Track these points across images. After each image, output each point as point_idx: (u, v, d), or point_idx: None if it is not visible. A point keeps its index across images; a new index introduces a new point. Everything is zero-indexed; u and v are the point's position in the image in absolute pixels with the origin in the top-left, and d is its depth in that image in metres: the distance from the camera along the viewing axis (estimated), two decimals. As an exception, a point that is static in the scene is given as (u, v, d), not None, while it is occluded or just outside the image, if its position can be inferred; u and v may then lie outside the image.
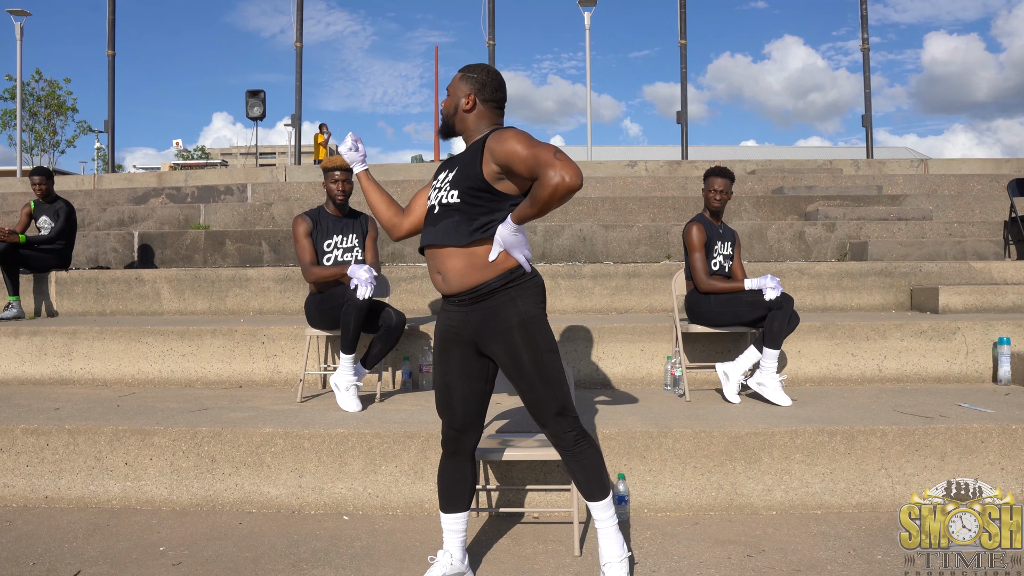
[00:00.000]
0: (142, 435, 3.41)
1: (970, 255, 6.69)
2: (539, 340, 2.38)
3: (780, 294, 3.84)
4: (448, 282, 2.37)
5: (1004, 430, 3.28)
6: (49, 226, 6.25)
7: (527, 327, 2.36)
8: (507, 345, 2.35)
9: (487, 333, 2.37)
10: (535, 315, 2.38)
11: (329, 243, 4.16)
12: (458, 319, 2.41)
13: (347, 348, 3.87)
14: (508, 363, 2.37)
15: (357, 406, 3.82)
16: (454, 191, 2.36)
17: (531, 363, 2.35)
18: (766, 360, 3.85)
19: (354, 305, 3.80)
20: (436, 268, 2.41)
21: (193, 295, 5.91)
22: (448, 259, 2.35)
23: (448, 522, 2.52)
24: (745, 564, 2.70)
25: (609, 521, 2.46)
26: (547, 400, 2.38)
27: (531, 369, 2.35)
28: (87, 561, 2.76)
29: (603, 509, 2.46)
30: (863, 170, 10.69)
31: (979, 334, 4.50)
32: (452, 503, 2.52)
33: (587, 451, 2.44)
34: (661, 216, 8.06)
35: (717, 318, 4.08)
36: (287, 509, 3.30)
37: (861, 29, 13.77)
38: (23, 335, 4.80)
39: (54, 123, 30.09)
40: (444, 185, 2.41)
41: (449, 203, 2.36)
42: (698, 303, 4.14)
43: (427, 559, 2.63)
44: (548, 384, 2.37)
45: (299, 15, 14.36)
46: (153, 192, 9.75)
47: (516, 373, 2.37)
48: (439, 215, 2.39)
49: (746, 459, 3.27)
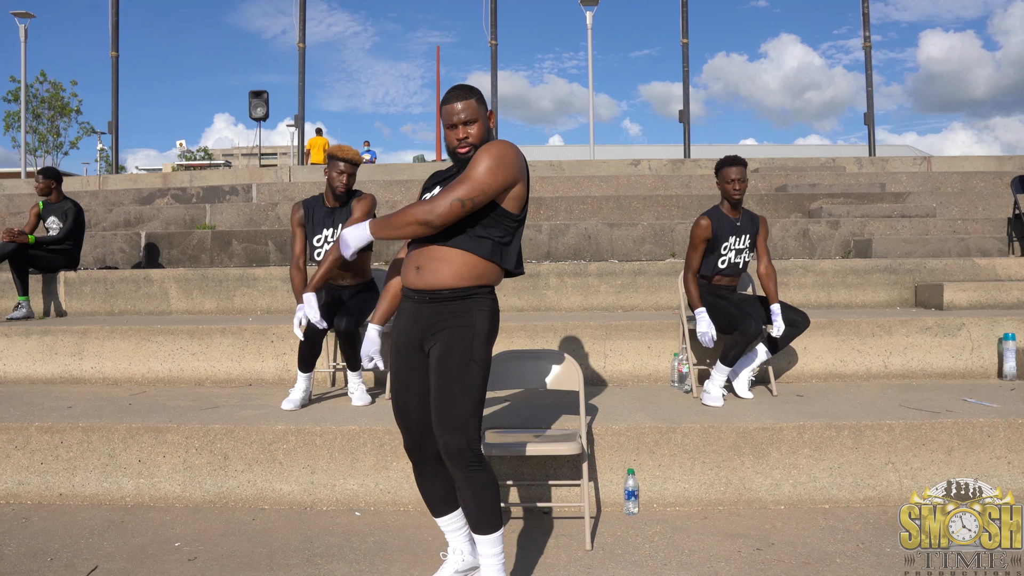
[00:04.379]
0: (155, 433, 3.44)
1: (974, 252, 6.71)
2: (475, 349, 2.32)
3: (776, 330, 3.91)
4: (423, 277, 2.34)
5: (1010, 424, 3.31)
6: (58, 227, 6.29)
7: (470, 333, 2.32)
8: (448, 341, 2.30)
9: (433, 328, 2.34)
10: (482, 327, 2.34)
11: (319, 238, 4.05)
12: (410, 316, 2.39)
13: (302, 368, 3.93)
14: (438, 357, 2.31)
15: (363, 400, 3.96)
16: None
17: (457, 364, 2.29)
18: (717, 373, 3.88)
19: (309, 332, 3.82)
20: (416, 263, 2.36)
21: (201, 295, 5.94)
22: (435, 257, 2.33)
23: (443, 524, 2.51)
24: (754, 557, 2.73)
25: (495, 559, 2.33)
26: (452, 407, 2.27)
27: (454, 370, 2.28)
28: (104, 557, 2.80)
29: (490, 544, 2.33)
30: (866, 168, 10.71)
31: (984, 330, 4.52)
32: (438, 507, 2.49)
33: (480, 475, 2.28)
34: (665, 214, 8.09)
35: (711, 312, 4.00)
36: (300, 505, 3.34)
37: (863, 27, 13.79)
38: (34, 335, 4.84)
39: (57, 125, 30.18)
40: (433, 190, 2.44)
41: None
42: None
43: (439, 555, 2.66)
44: (462, 392, 2.28)
45: (301, 16, 14.41)
46: (158, 193, 9.79)
47: (438, 369, 2.29)
48: None
49: (754, 454, 3.29)
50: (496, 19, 14.43)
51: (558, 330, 4.57)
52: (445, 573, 2.49)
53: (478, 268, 2.35)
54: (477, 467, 2.27)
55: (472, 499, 2.29)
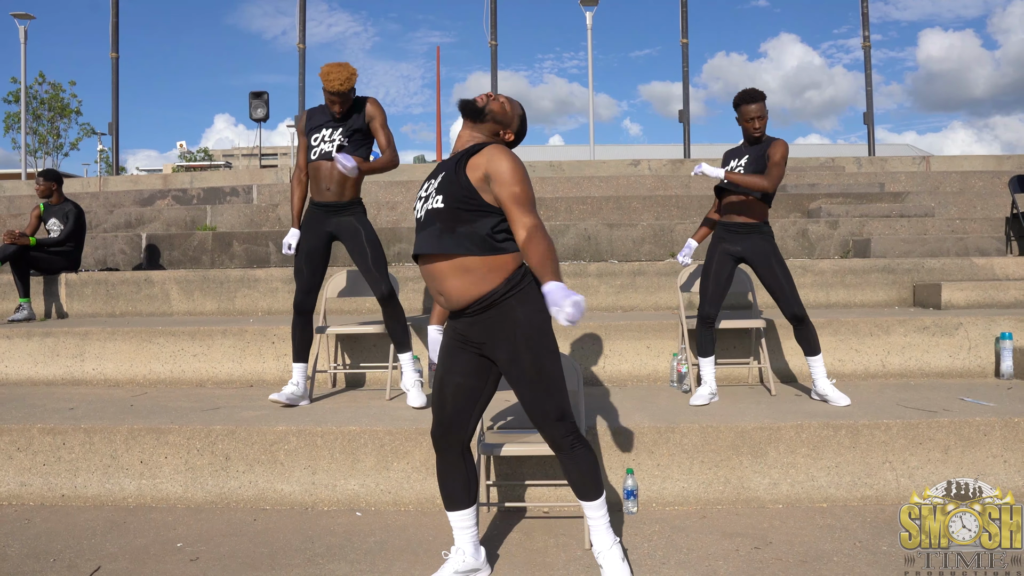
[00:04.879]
0: (157, 434, 3.46)
1: (972, 251, 6.73)
2: (540, 345, 2.39)
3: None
4: (452, 300, 2.40)
5: (1007, 423, 3.33)
6: (58, 228, 6.31)
7: (529, 332, 2.37)
8: (512, 349, 2.37)
9: (495, 339, 2.39)
10: (537, 322, 2.39)
11: (316, 137, 3.90)
12: (460, 326, 2.45)
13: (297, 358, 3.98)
14: (510, 366, 2.40)
15: (419, 401, 3.86)
16: (439, 196, 2.41)
17: (531, 367, 2.37)
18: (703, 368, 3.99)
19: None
20: (437, 289, 2.43)
21: (202, 296, 5.97)
22: (448, 274, 2.37)
23: (453, 519, 2.56)
24: (752, 556, 2.75)
25: (602, 520, 2.55)
26: (546, 405, 2.41)
27: (532, 373, 2.38)
28: (106, 557, 2.82)
29: (596, 508, 2.54)
30: (865, 168, 10.73)
31: (981, 329, 4.54)
32: (452, 501, 2.55)
33: (582, 452, 2.48)
34: (665, 215, 8.11)
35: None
36: (301, 506, 3.36)
37: (862, 27, 13.80)
38: (35, 336, 4.86)
39: (57, 126, 30.21)
40: (430, 194, 2.45)
41: (435, 208, 2.38)
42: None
43: (441, 554, 2.68)
44: (548, 389, 2.40)
45: (302, 16, 14.42)
46: (159, 194, 9.81)
47: (517, 376, 2.39)
48: (425, 222, 2.43)
49: (752, 453, 3.32)
50: (496, 19, 14.45)
51: (557, 330, 4.58)
52: (445, 572, 2.52)
53: (493, 263, 2.35)
54: (580, 447, 2.47)
55: (577, 473, 2.49)
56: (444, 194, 2.35)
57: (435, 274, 2.39)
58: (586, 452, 2.49)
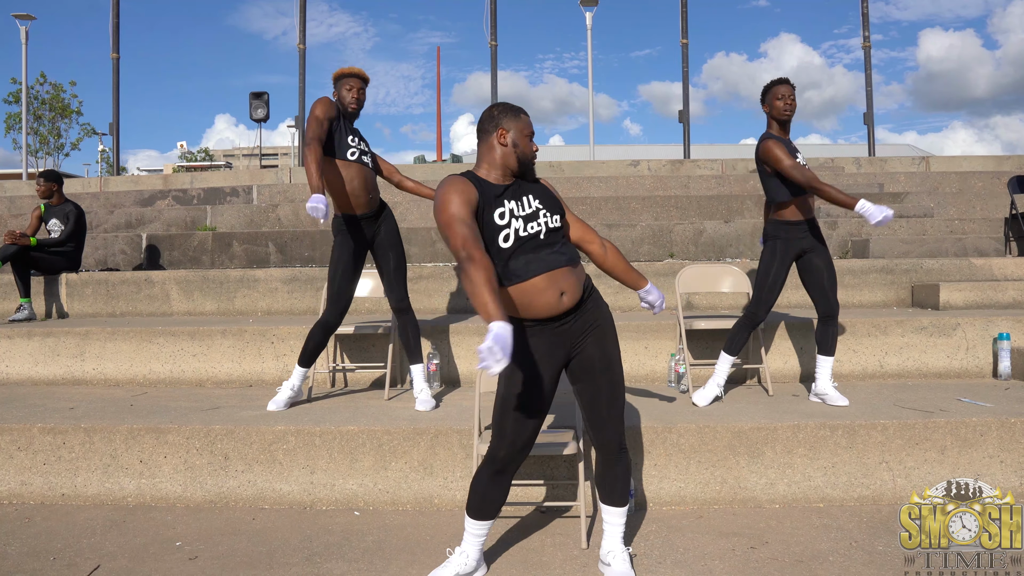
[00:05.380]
0: (156, 433, 3.48)
1: (971, 252, 6.74)
2: (616, 342, 2.58)
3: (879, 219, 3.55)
4: (572, 297, 2.46)
5: (1003, 424, 3.34)
6: (59, 229, 6.32)
7: (612, 324, 2.57)
8: (603, 341, 2.51)
9: (588, 332, 2.50)
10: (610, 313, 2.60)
11: (352, 139, 3.79)
12: (551, 341, 2.46)
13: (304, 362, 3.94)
14: (601, 359, 2.50)
15: (428, 405, 3.83)
16: (556, 215, 2.50)
17: (618, 359, 2.55)
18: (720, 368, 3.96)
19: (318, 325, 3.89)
20: (560, 289, 2.43)
21: (202, 296, 5.98)
22: (568, 277, 2.45)
23: (476, 528, 2.58)
24: (749, 556, 2.76)
25: (621, 527, 2.63)
26: (621, 398, 2.55)
27: (617, 364, 2.54)
28: (106, 556, 2.83)
29: (622, 515, 2.63)
30: (864, 168, 10.73)
31: (979, 330, 4.55)
32: (485, 513, 2.58)
33: (626, 458, 2.61)
34: (664, 215, 8.12)
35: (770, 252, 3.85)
36: (299, 505, 3.37)
37: (862, 27, 13.80)
38: (36, 336, 4.88)
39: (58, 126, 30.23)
40: (538, 212, 2.47)
41: (557, 227, 2.49)
42: (777, 230, 3.86)
43: (445, 551, 2.70)
44: (622, 384, 2.57)
45: (302, 17, 14.43)
46: (159, 194, 9.82)
47: (605, 367, 2.51)
48: (548, 239, 2.46)
49: (749, 454, 3.33)
50: (496, 20, 14.45)
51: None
52: (448, 572, 2.55)
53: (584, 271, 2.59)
54: (627, 449, 2.62)
55: (622, 474, 2.59)
56: (558, 213, 2.52)
57: (559, 278, 2.44)
58: (629, 458, 2.62)
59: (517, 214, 2.43)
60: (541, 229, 2.44)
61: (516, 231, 2.40)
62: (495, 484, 2.54)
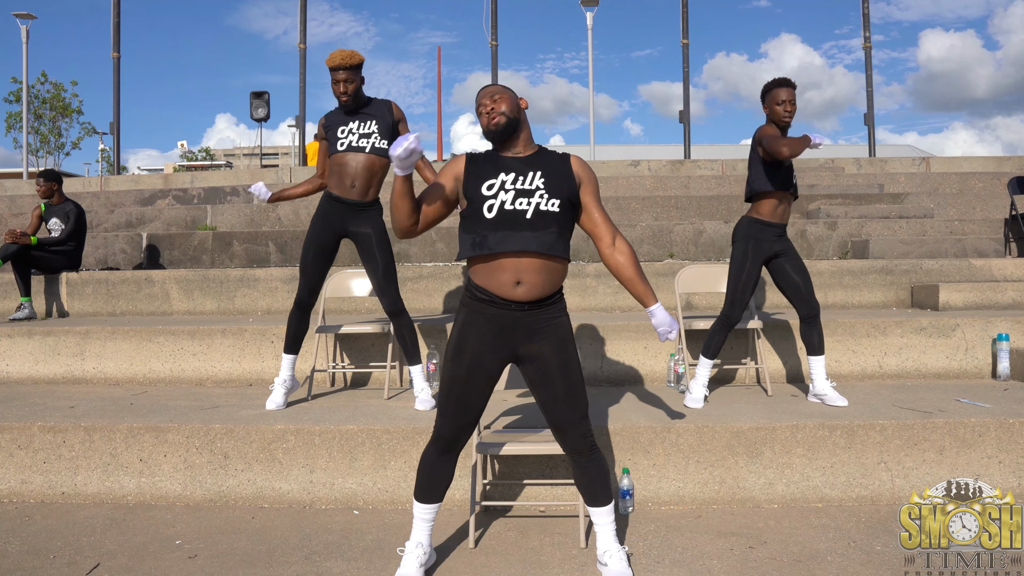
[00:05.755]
0: (156, 432, 3.49)
1: (971, 252, 6.74)
2: (575, 346, 2.56)
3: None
4: (529, 291, 2.41)
5: (1001, 424, 3.34)
6: (59, 228, 6.33)
7: (571, 332, 2.55)
8: (561, 346, 2.48)
9: (541, 334, 2.46)
10: (571, 325, 2.58)
11: (344, 129, 3.79)
12: (506, 321, 2.44)
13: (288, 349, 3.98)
14: (557, 363, 2.48)
15: (428, 404, 3.83)
16: (555, 200, 2.40)
17: (573, 363, 2.51)
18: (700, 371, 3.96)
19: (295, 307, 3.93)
20: (515, 279, 2.39)
21: (202, 295, 5.99)
22: (537, 269, 2.40)
23: (425, 511, 2.61)
24: (747, 555, 2.77)
25: (610, 526, 2.61)
26: (579, 402, 2.52)
27: (575, 369, 2.51)
28: (106, 554, 2.84)
29: (606, 514, 2.60)
30: (865, 168, 10.74)
31: (978, 330, 4.56)
32: (433, 495, 2.61)
33: (599, 457, 2.59)
34: (664, 215, 8.12)
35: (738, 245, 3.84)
36: (299, 504, 3.38)
37: (863, 27, 13.81)
38: (36, 335, 4.89)
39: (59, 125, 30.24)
40: (535, 191, 2.40)
41: (552, 211, 2.40)
42: (751, 228, 3.83)
43: (396, 551, 2.72)
44: (581, 387, 2.53)
45: (303, 16, 14.45)
46: (160, 194, 9.83)
47: (561, 372, 2.48)
48: (535, 220, 2.38)
49: (748, 453, 3.33)
50: (497, 20, 14.46)
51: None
52: (411, 569, 2.56)
53: (565, 273, 2.53)
54: (597, 451, 2.58)
55: (597, 476, 2.57)
56: (559, 198, 2.42)
57: (523, 267, 2.39)
58: (601, 457, 2.60)
59: (509, 187, 2.40)
60: (528, 209, 2.38)
61: (502, 203, 2.39)
62: (442, 463, 2.58)
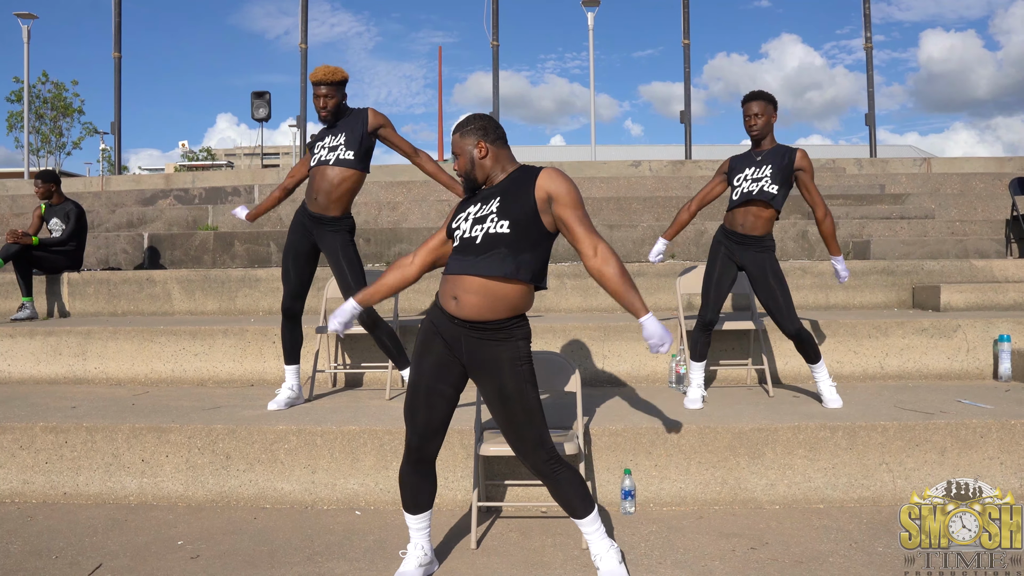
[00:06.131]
0: (158, 432, 3.49)
1: (972, 253, 6.74)
2: (524, 373, 2.45)
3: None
4: (461, 308, 2.41)
5: (1003, 425, 3.34)
6: (60, 228, 6.34)
7: (517, 361, 2.44)
8: (497, 377, 2.43)
9: (478, 360, 2.44)
10: (524, 351, 2.47)
11: (319, 144, 3.90)
12: (451, 332, 2.46)
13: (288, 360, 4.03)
14: (495, 394, 2.44)
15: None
16: (503, 222, 2.39)
17: (515, 393, 2.43)
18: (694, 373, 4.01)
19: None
20: (452, 293, 2.43)
21: (203, 295, 5.99)
22: (474, 290, 2.39)
23: (416, 522, 2.62)
24: (748, 556, 2.77)
25: (597, 532, 2.56)
26: (527, 431, 2.45)
27: (515, 400, 2.43)
28: (108, 554, 2.84)
29: (589, 523, 2.55)
30: (866, 169, 10.74)
31: (980, 331, 4.56)
32: (418, 506, 2.61)
33: (565, 475, 2.50)
34: (665, 216, 8.12)
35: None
36: (301, 504, 3.38)
37: (864, 28, 13.80)
38: (38, 335, 4.89)
39: (60, 125, 30.25)
40: (490, 215, 2.41)
41: (501, 232, 2.38)
42: (718, 233, 3.98)
43: (399, 554, 2.72)
44: (529, 415, 2.45)
45: (304, 16, 14.45)
46: (161, 193, 9.84)
47: (501, 404, 2.44)
48: (484, 244, 2.39)
49: (749, 454, 3.33)
50: (498, 20, 14.46)
51: (557, 331, 4.61)
52: (411, 567, 2.59)
53: (519, 297, 2.43)
54: (561, 469, 2.49)
55: (568, 493, 2.51)
56: (509, 219, 2.39)
57: (465, 287, 2.40)
58: (569, 473, 2.51)
59: (472, 215, 2.46)
60: (478, 235, 2.41)
61: (463, 232, 2.46)
62: (417, 474, 2.58)
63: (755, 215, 3.83)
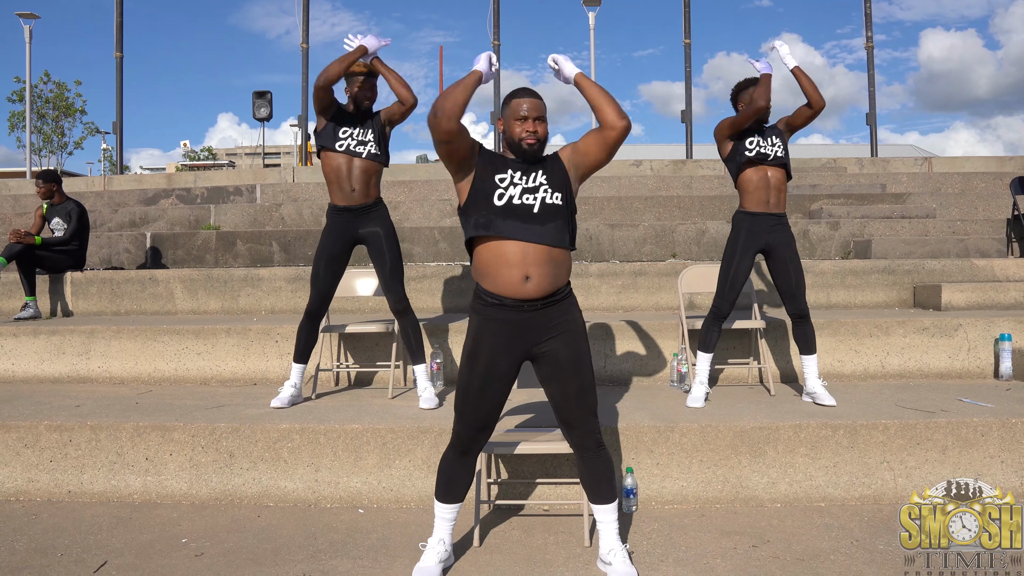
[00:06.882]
0: (162, 431, 3.50)
1: (973, 253, 6.75)
2: (587, 343, 2.61)
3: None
4: (539, 285, 2.46)
5: (1004, 424, 3.35)
6: (62, 228, 6.35)
7: (583, 329, 2.61)
8: (574, 343, 2.53)
9: (554, 332, 2.51)
10: (583, 321, 2.62)
11: (345, 131, 3.88)
12: (519, 323, 2.49)
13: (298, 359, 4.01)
14: (570, 360, 2.52)
15: (431, 403, 3.85)
16: (557, 193, 2.48)
17: (587, 356, 2.58)
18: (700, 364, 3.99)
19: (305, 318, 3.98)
20: (524, 272, 2.44)
21: (206, 295, 6.00)
22: (544, 260, 2.45)
23: (446, 511, 2.66)
24: (750, 554, 2.78)
25: (614, 524, 2.64)
26: (590, 399, 2.57)
27: (587, 367, 2.56)
28: (112, 552, 2.86)
29: (610, 512, 2.64)
30: (867, 168, 10.74)
31: (981, 331, 4.56)
32: (454, 496, 2.65)
33: (605, 454, 2.63)
34: (666, 215, 8.13)
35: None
36: (304, 503, 3.39)
37: (865, 27, 13.80)
38: (42, 334, 4.91)
39: (62, 125, 30.26)
40: (539, 187, 2.48)
41: (556, 204, 2.48)
42: (739, 220, 3.89)
43: (418, 546, 2.73)
44: (592, 384, 2.59)
45: (304, 16, 14.46)
46: (163, 193, 9.85)
47: (574, 370, 2.53)
48: (542, 213, 2.45)
49: (751, 453, 3.34)
50: (499, 19, 14.47)
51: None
52: (430, 562, 2.60)
53: (570, 264, 2.58)
54: (604, 447, 2.62)
55: (603, 471, 2.60)
56: (562, 192, 2.51)
57: (531, 258, 2.44)
58: (607, 455, 2.64)
59: (517, 182, 2.49)
60: (535, 203, 2.46)
61: (511, 196, 2.47)
62: (460, 465, 2.63)
63: (777, 188, 3.85)
